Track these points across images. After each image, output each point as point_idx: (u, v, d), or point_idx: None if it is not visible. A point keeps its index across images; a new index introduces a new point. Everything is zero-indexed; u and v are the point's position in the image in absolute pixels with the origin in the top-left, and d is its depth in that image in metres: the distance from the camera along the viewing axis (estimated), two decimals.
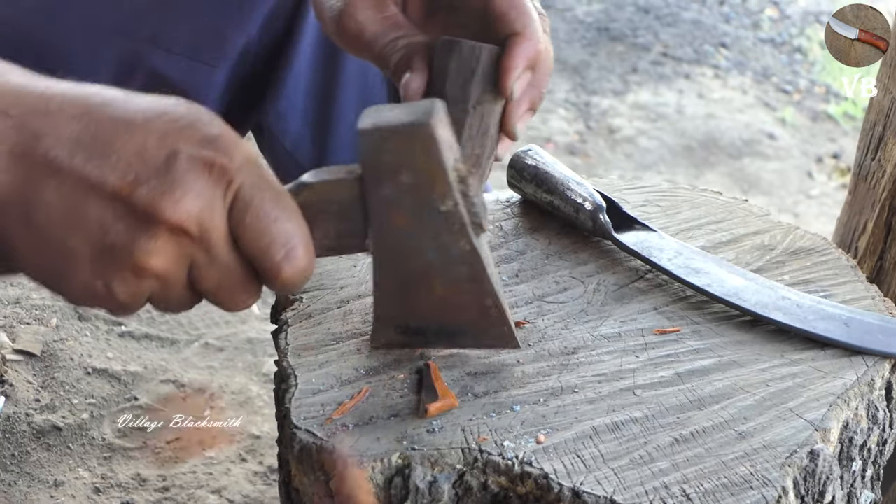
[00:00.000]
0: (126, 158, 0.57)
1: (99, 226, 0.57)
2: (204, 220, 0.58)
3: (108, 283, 0.59)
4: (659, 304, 0.82)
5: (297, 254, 0.62)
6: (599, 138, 2.77)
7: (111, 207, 0.57)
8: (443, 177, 0.63)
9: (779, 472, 0.65)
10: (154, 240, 0.58)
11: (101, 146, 0.57)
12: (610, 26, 3.48)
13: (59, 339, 1.72)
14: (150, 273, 0.59)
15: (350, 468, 0.66)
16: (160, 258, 0.58)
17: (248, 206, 0.60)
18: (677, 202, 0.97)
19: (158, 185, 0.57)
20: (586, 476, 0.64)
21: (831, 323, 0.78)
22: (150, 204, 0.57)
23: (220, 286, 0.62)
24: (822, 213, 2.51)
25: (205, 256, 0.60)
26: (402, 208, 0.64)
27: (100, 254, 0.58)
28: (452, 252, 0.66)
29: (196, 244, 0.59)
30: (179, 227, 0.58)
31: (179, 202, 0.57)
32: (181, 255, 0.59)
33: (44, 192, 0.57)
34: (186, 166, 0.57)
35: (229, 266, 0.61)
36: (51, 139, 0.57)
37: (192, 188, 0.58)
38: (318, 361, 0.75)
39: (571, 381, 0.73)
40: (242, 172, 0.59)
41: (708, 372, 0.74)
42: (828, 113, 3.03)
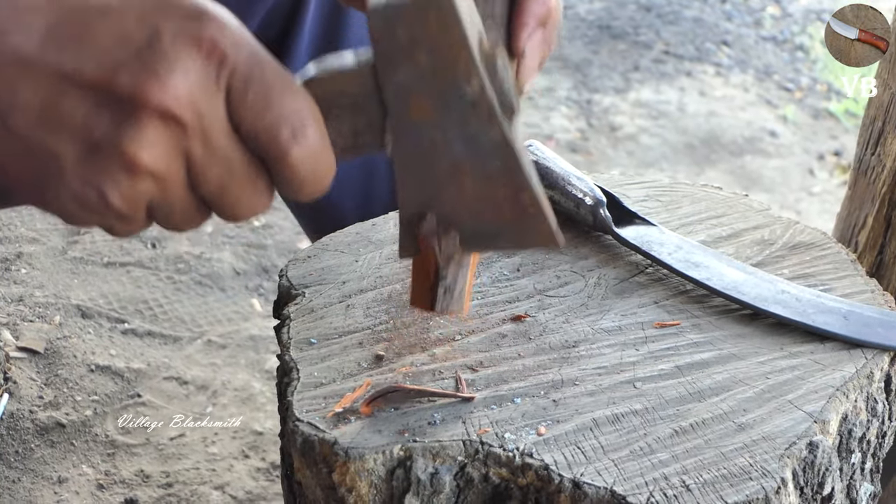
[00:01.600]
0: (103, 44, 0.51)
1: (81, 121, 0.52)
2: (197, 102, 0.52)
3: (101, 187, 0.53)
4: (659, 297, 0.82)
5: (307, 132, 0.55)
6: (601, 136, 2.78)
7: (92, 99, 0.52)
8: (465, 54, 0.55)
9: (778, 464, 0.65)
10: (142, 129, 0.51)
11: (76, 35, 0.51)
12: (611, 24, 3.48)
13: (62, 337, 1.72)
14: (143, 169, 0.52)
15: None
16: (152, 150, 0.52)
17: (248, 82, 0.53)
18: (677, 197, 0.98)
19: (141, 68, 0.51)
20: (587, 467, 0.65)
21: (830, 316, 0.78)
22: (134, 89, 0.51)
23: (224, 185, 0.55)
24: (824, 211, 2.51)
25: (202, 147, 0.53)
26: (422, 95, 0.57)
27: (86, 154, 0.52)
28: (482, 142, 0.59)
29: (191, 132, 0.53)
30: (169, 111, 0.51)
31: (166, 84, 0.51)
32: (175, 147, 0.53)
33: (18, 92, 0.51)
34: (171, 44, 0.51)
35: (231, 158, 0.55)
36: (20, 35, 0.51)
37: (180, 67, 0.51)
38: (321, 355, 0.76)
39: (572, 374, 0.73)
40: (237, 47, 0.53)
41: (708, 365, 0.75)
42: (829, 111, 3.03)
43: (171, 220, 0.57)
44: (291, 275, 0.86)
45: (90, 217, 0.55)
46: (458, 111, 0.57)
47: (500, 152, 0.59)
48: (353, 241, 0.91)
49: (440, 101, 0.57)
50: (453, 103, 0.57)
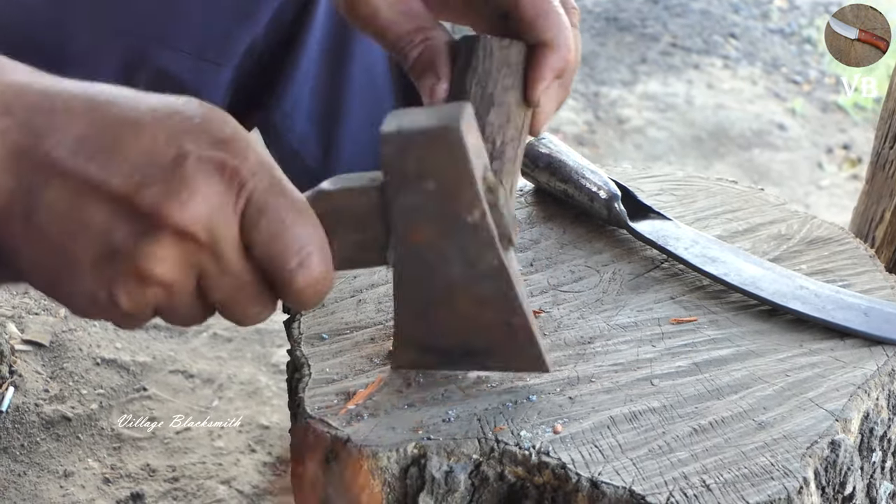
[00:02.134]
0: (132, 159, 0.54)
1: (101, 229, 0.54)
2: (213, 224, 0.55)
3: (112, 291, 0.56)
4: (675, 293, 0.81)
5: (312, 261, 0.58)
6: (608, 129, 2.76)
7: (115, 210, 0.54)
8: (470, 185, 0.59)
9: (800, 463, 0.64)
10: (159, 245, 0.54)
11: (106, 146, 0.54)
12: (619, 17, 3.46)
13: (67, 330, 1.71)
14: (155, 280, 0.56)
15: None
16: (165, 265, 0.55)
17: (262, 210, 0.56)
18: (693, 191, 0.96)
19: (165, 187, 0.54)
20: (604, 466, 0.63)
21: (850, 312, 0.77)
22: (156, 206, 0.54)
23: (231, 297, 0.59)
24: (833, 204, 2.49)
25: (214, 265, 0.57)
26: (426, 219, 0.61)
27: (102, 259, 0.55)
28: (479, 267, 0.62)
29: (205, 251, 0.56)
30: (186, 231, 0.54)
31: (187, 205, 0.54)
32: (188, 263, 0.56)
33: (45, 193, 0.54)
34: (195, 168, 0.54)
35: (241, 275, 0.58)
36: (54, 138, 0.54)
37: (201, 190, 0.54)
38: (332, 350, 0.74)
39: (588, 371, 0.72)
40: (256, 176, 0.56)
41: (726, 362, 0.73)
42: (838, 103, 3.02)
43: (175, 320, 0.60)
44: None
45: (97, 313, 0.58)
46: (459, 236, 0.61)
47: (496, 277, 0.63)
48: None
49: (443, 227, 0.61)
50: (455, 228, 0.61)
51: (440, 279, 0.63)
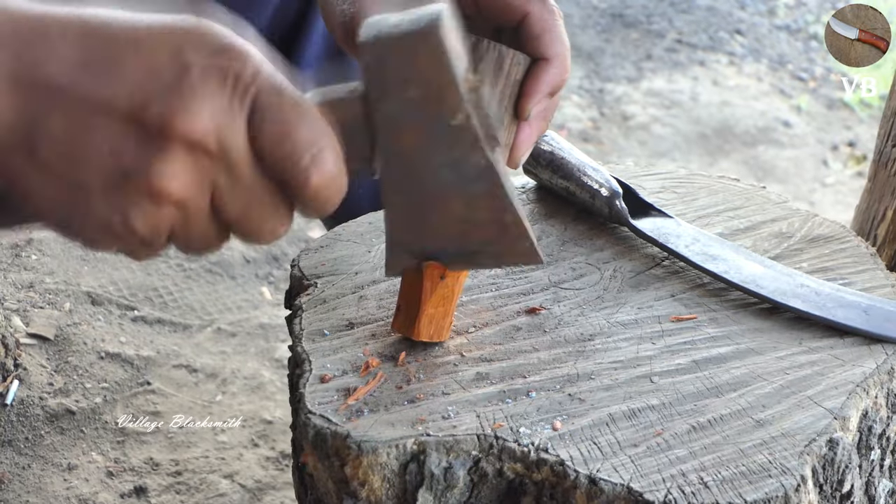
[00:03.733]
0: (134, 76, 0.53)
1: (110, 150, 0.53)
2: (222, 133, 0.54)
3: (125, 214, 0.55)
4: (676, 290, 0.81)
5: (324, 157, 0.57)
6: (613, 125, 2.76)
7: (122, 129, 0.53)
8: (453, 88, 0.58)
9: (797, 461, 0.64)
10: (170, 159, 0.54)
11: (107, 66, 0.53)
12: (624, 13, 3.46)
13: (72, 324, 1.72)
14: (169, 197, 0.55)
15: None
16: (178, 179, 0.54)
17: (267, 111, 0.56)
18: (694, 189, 0.97)
19: (171, 100, 0.53)
20: (603, 463, 0.64)
21: (850, 311, 0.77)
22: (164, 120, 0.53)
23: (246, 211, 0.58)
24: (838, 202, 2.49)
25: (227, 176, 0.56)
26: (409, 125, 0.60)
27: (113, 182, 0.54)
28: (467, 168, 0.62)
29: (216, 162, 0.55)
30: (197, 142, 0.54)
31: (195, 116, 0.53)
32: (201, 176, 0.55)
33: (49, 121, 0.53)
34: (199, 78, 0.54)
35: (254, 185, 0.57)
36: (53, 64, 0.53)
37: (208, 100, 0.54)
38: (333, 346, 0.75)
39: (588, 368, 0.72)
40: (258, 79, 0.55)
41: (725, 359, 0.73)
42: (843, 101, 3.01)
43: (191, 245, 0.59)
44: (303, 265, 0.85)
45: (112, 242, 0.57)
46: (445, 140, 0.60)
47: (485, 177, 0.62)
48: (366, 231, 0.90)
49: (427, 131, 0.60)
50: (440, 133, 0.60)
51: (429, 183, 0.63)
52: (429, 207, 0.64)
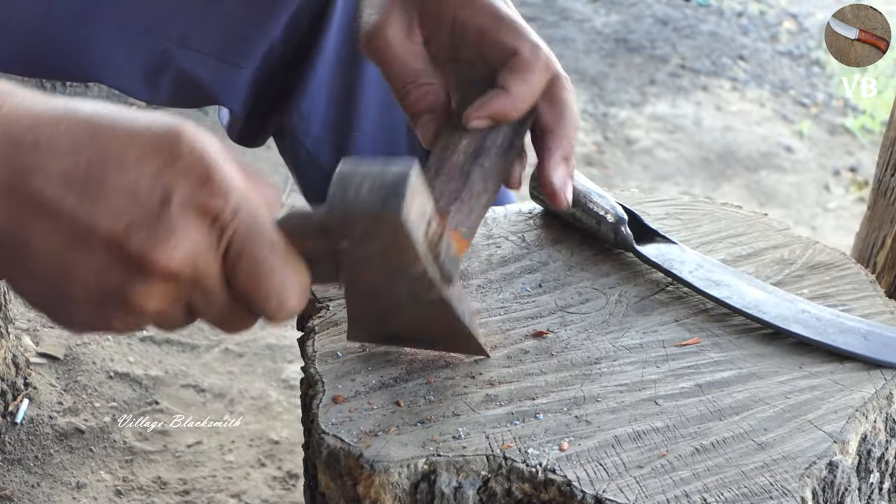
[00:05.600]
0: (118, 201, 0.56)
1: (93, 271, 0.57)
2: (198, 266, 0.59)
3: (107, 320, 0.60)
4: (680, 315, 0.83)
5: (291, 299, 0.62)
6: (617, 149, 2.78)
7: (105, 253, 0.57)
8: (412, 252, 0.63)
9: (798, 483, 0.66)
10: (149, 286, 0.58)
11: (92, 184, 0.56)
12: (628, 38, 3.49)
13: (81, 343, 1.74)
14: (146, 314, 0.60)
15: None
16: (156, 301, 0.59)
17: (243, 252, 0.60)
18: (697, 215, 0.99)
19: (152, 234, 0.56)
20: (609, 484, 0.65)
21: (850, 336, 0.79)
22: (144, 252, 0.57)
23: (217, 319, 0.64)
24: (840, 227, 2.51)
25: (201, 297, 0.61)
26: (370, 268, 0.65)
27: (96, 296, 0.58)
28: (423, 300, 0.68)
29: (191, 287, 0.60)
30: (174, 273, 0.58)
31: (174, 251, 0.57)
32: (177, 297, 0.60)
33: (37, 235, 0.56)
34: (180, 212, 0.57)
35: (224, 304, 0.62)
36: (42, 177, 0.55)
37: (186, 236, 0.57)
38: (345, 369, 0.77)
39: (594, 391, 0.74)
40: (237, 217, 0.59)
41: (728, 383, 0.75)
42: (845, 126, 3.04)
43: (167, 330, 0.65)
44: (315, 287, 0.87)
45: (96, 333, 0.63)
46: (404, 280, 0.66)
47: (439, 308, 0.69)
48: None
49: (388, 273, 0.65)
50: (400, 275, 0.65)
51: (387, 301, 0.69)
52: (386, 315, 0.72)
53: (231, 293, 0.62)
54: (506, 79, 0.78)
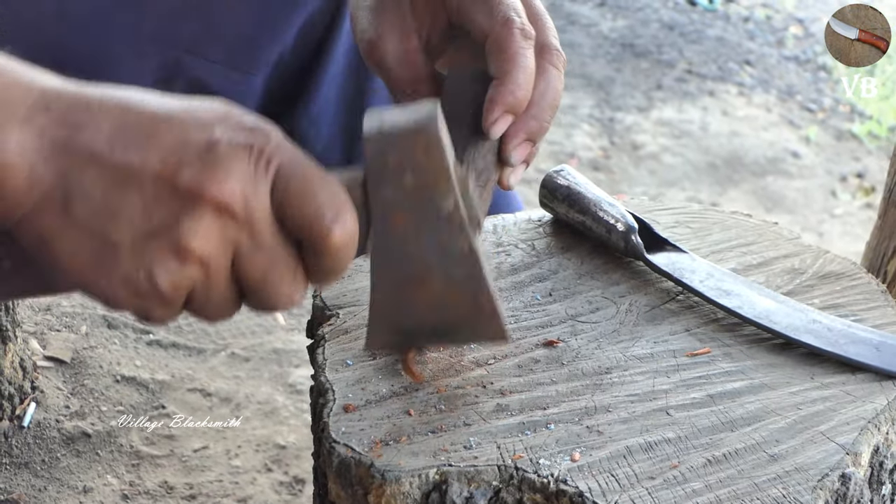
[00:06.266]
0: (167, 145, 0.58)
1: (141, 211, 0.58)
2: (248, 198, 0.59)
3: (150, 270, 0.58)
4: (690, 325, 0.83)
5: (345, 216, 0.62)
6: (623, 154, 2.78)
7: (154, 191, 0.58)
8: (445, 176, 0.65)
9: (811, 495, 0.66)
10: (199, 219, 0.58)
11: (143, 136, 0.58)
12: (634, 42, 3.49)
13: (88, 347, 1.74)
14: (194, 256, 0.59)
15: None
16: (205, 239, 0.58)
17: (290, 178, 0.60)
18: (708, 224, 0.98)
19: (202, 167, 0.58)
20: (621, 495, 0.65)
21: (862, 347, 0.79)
22: (195, 184, 0.58)
23: (265, 274, 0.62)
24: (846, 233, 2.51)
25: (250, 239, 0.60)
26: (403, 209, 0.66)
27: (142, 240, 0.58)
28: (451, 251, 0.68)
29: (241, 226, 0.59)
30: (224, 205, 0.58)
31: (224, 182, 0.58)
32: (225, 238, 0.59)
33: (84, 183, 0.57)
34: (227, 150, 0.59)
35: (275, 248, 0.61)
36: (91, 131, 0.58)
37: (235, 169, 0.59)
38: (356, 377, 0.77)
39: (605, 401, 0.74)
40: (280, 152, 0.61)
41: (739, 394, 0.75)
42: (852, 132, 3.03)
43: (206, 309, 0.63)
44: (325, 295, 0.87)
45: (134, 301, 0.60)
46: (433, 224, 0.66)
47: (467, 259, 0.68)
48: None
49: (419, 215, 0.66)
50: (430, 218, 0.66)
51: (415, 264, 0.68)
52: (412, 284, 0.70)
53: (282, 234, 0.61)
54: (493, 65, 0.77)
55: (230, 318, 0.65)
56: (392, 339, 0.74)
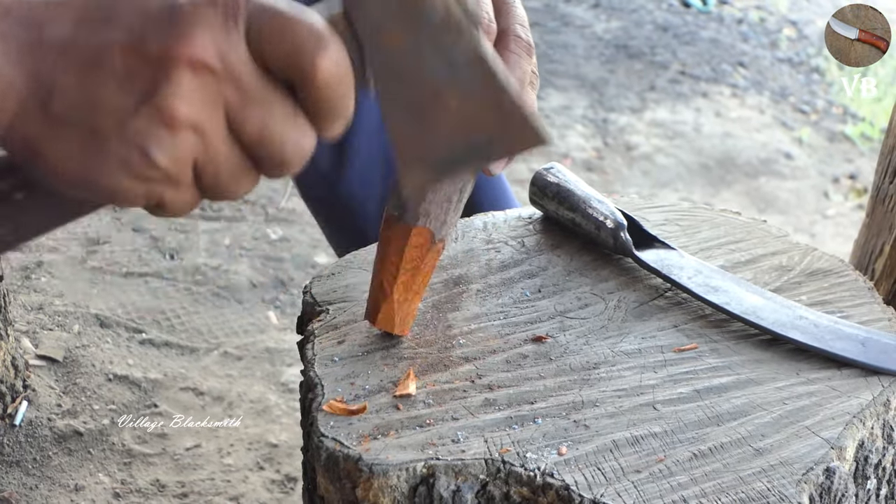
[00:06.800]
0: (129, 20, 0.56)
1: (118, 90, 0.56)
2: (223, 51, 0.56)
3: (144, 148, 0.56)
4: (678, 321, 0.84)
5: (328, 43, 0.58)
6: (617, 155, 2.79)
7: (125, 67, 0.55)
8: None
9: (795, 489, 0.66)
10: (176, 81, 0.55)
11: (103, 17, 0.56)
12: (629, 44, 3.50)
13: (80, 346, 1.74)
14: (183, 122, 0.56)
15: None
16: (188, 100, 0.56)
17: (262, 21, 0.57)
18: (697, 222, 0.99)
19: (168, 30, 0.55)
20: (607, 488, 0.66)
21: (848, 343, 0.79)
22: (164, 47, 0.55)
23: (264, 125, 0.58)
24: (838, 234, 2.52)
25: (237, 92, 0.57)
26: (393, 26, 0.61)
27: (127, 119, 0.56)
28: (455, 58, 0.62)
29: (223, 80, 0.56)
30: (199, 61, 0.55)
31: (193, 39, 0.55)
32: (211, 96, 0.56)
33: (57, 78, 0.56)
34: (190, 9, 0.56)
35: (266, 97, 0.58)
36: (54, 26, 0.56)
37: (203, 25, 0.56)
38: (345, 372, 0.77)
39: (592, 396, 0.74)
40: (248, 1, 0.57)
41: (726, 389, 0.76)
42: (845, 133, 3.04)
43: (220, 181, 0.59)
44: (315, 291, 0.88)
45: (139, 186, 0.57)
46: (428, 33, 0.61)
47: (475, 63, 0.62)
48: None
49: (410, 27, 0.60)
50: (422, 26, 0.60)
51: (423, 83, 0.63)
52: (428, 108, 0.64)
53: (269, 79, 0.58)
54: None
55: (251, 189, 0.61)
56: (427, 176, 0.67)
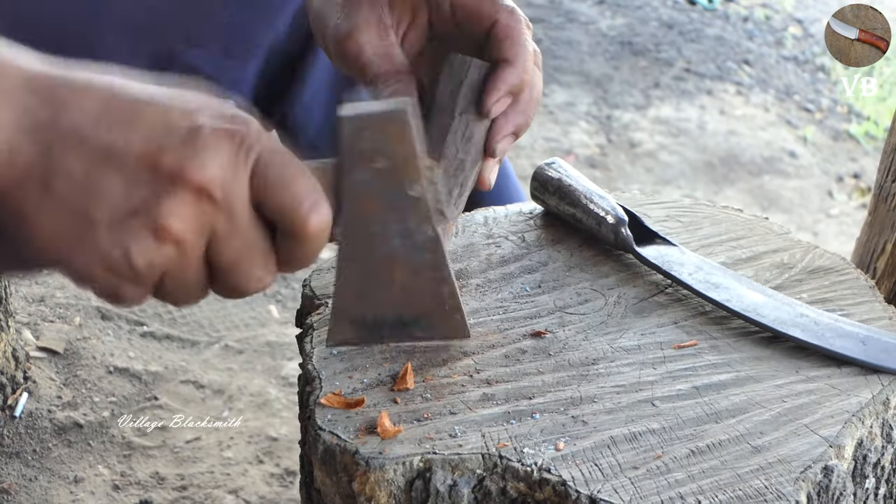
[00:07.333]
0: (151, 129, 0.59)
1: (122, 190, 0.59)
2: (228, 184, 0.60)
3: (127, 248, 0.59)
4: (678, 318, 0.83)
5: (321, 205, 0.64)
6: (620, 152, 2.78)
7: (136, 172, 0.59)
8: (414, 162, 0.67)
9: (793, 487, 0.66)
10: (178, 201, 0.59)
11: (127, 117, 0.59)
12: (633, 40, 3.49)
13: (81, 338, 1.74)
14: (171, 236, 0.59)
15: None
16: (182, 219, 0.59)
17: (269, 167, 0.62)
18: (698, 218, 0.99)
19: (184, 151, 0.59)
20: (604, 484, 0.66)
21: (848, 341, 0.79)
22: (177, 167, 0.59)
23: (238, 258, 0.63)
24: (842, 233, 2.51)
25: (226, 223, 0.61)
26: (373, 193, 0.68)
27: (121, 218, 0.59)
28: (416, 238, 0.70)
29: (218, 210, 0.60)
30: (204, 189, 0.59)
31: (205, 166, 0.59)
32: (203, 221, 0.60)
33: (66, 161, 0.58)
34: (210, 136, 0.60)
35: (250, 234, 0.63)
36: (76, 111, 0.58)
37: (216, 154, 0.60)
38: (343, 366, 0.77)
39: (591, 392, 0.74)
40: (261, 141, 0.62)
41: (725, 386, 0.75)
42: (849, 132, 3.04)
43: (175, 291, 0.64)
44: (315, 285, 0.87)
45: (108, 279, 0.61)
46: (401, 209, 0.69)
47: (431, 247, 0.71)
48: None
49: (388, 200, 0.69)
50: (398, 202, 0.69)
51: (381, 250, 0.71)
52: (377, 274, 0.73)
53: (258, 220, 0.63)
54: (500, 49, 0.79)
55: (195, 304, 0.66)
56: (354, 333, 0.77)
